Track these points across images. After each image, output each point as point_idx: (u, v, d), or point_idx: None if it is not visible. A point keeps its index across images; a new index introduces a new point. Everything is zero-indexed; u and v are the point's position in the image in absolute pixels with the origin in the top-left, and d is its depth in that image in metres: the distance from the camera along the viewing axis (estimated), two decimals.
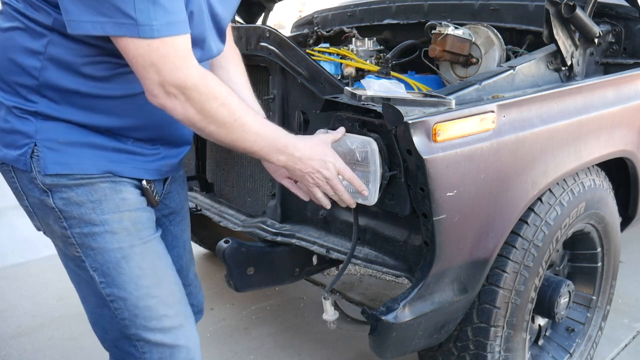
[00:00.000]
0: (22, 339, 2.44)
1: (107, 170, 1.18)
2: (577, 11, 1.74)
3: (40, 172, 1.15)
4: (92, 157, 1.17)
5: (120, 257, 1.20)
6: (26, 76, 1.13)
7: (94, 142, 1.17)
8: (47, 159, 1.14)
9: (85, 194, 1.17)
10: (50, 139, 1.14)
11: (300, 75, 1.68)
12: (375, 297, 2.81)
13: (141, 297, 1.21)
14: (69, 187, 1.16)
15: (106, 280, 1.20)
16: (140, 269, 1.21)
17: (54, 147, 1.15)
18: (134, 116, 1.20)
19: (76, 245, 1.20)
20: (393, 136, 1.33)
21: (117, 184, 1.20)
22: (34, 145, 1.14)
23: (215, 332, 2.51)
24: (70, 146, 1.15)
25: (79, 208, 1.17)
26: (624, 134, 1.87)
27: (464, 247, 1.46)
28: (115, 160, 1.20)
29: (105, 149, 1.19)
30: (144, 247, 1.23)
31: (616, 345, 2.43)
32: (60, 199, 1.17)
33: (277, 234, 1.80)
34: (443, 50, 2.00)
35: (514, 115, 1.48)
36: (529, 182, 1.55)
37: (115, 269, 1.20)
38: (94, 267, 1.20)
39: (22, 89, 1.14)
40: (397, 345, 1.47)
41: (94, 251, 1.19)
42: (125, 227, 1.20)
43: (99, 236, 1.18)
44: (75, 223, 1.18)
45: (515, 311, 1.64)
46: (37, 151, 1.14)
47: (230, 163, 2.09)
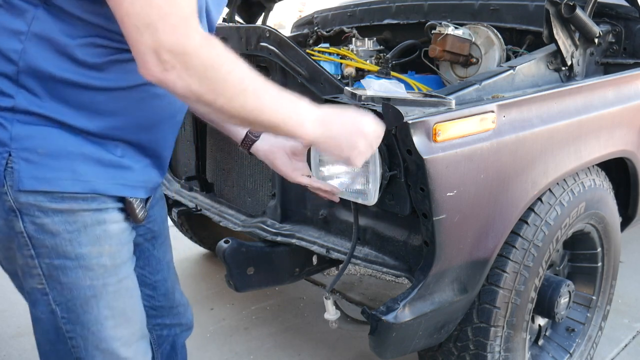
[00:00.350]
0: (22, 339, 2.44)
1: (92, 189, 1.02)
2: (577, 11, 1.74)
3: (13, 187, 0.97)
4: (75, 172, 1.00)
5: (91, 295, 1.06)
6: (2, 61, 0.96)
7: (78, 152, 1.00)
8: (22, 172, 0.97)
9: (62, 222, 1.01)
10: (28, 149, 0.97)
11: (300, 75, 1.68)
12: (375, 297, 2.81)
13: (104, 339, 1.10)
14: (44, 211, 0.99)
15: (69, 316, 1.07)
16: (110, 309, 1.09)
17: (32, 158, 0.97)
18: (127, 113, 1.04)
19: (41, 277, 1.04)
20: (393, 136, 1.33)
21: (100, 212, 1.04)
22: (7, 155, 0.97)
23: (215, 332, 2.51)
24: (51, 158, 0.98)
25: (53, 238, 1.01)
26: (624, 134, 1.87)
27: (464, 247, 1.46)
28: (101, 176, 1.03)
29: (91, 161, 1.02)
30: (118, 285, 1.10)
31: (616, 345, 2.43)
32: (32, 223, 1.00)
33: (277, 234, 1.80)
34: (443, 50, 2.00)
35: (514, 115, 1.48)
36: (529, 182, 1.55)
37: (82, 306, 1.07)
38: (58, 301, 1.06)
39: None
40: (397, 345, 1.47)
41: (61, 285, 1.05)
42: (102, 263, 1.06)
43: (71, 271, 1.04)
44: (45, 253, 1.02)
45: (515, 311, 1.64)
46: (11, 162, 0.97)
47: (230, 163, 2.09)
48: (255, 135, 1.39)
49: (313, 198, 1.76)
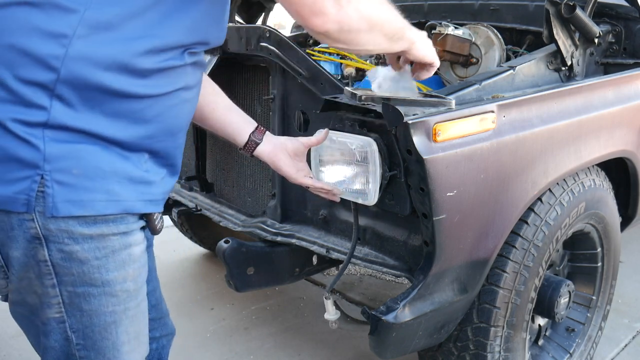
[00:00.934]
0: (22, 339, 2.42)
1: (123, 209, 0.96)
2: (577, 11, 1.74)
3: (44, 214, 0.89)
4: (109, 192, 0.94)
5: (111, 321, 1.02)
6: (40, 69, 0.87)
7: (111, 170, 0.94)
8: (57, 196, 0.89)
9: (92, 249, 0.95)
10: (63, 170, 0.89)
11: (300, 75, 1.68)
12: (375, 297, 2.81)
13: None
14: (74, 238, 0.92)
15: (85, 343, 1.02)
16: (127, 334, 1.06)
17: (66, 180, 0.89)
18: (159, 121, 1.00)
19: (61, 305, 0.98)
20: (393, 136, 1.33)
21: (127, 235, 0.99)
22: (40, 178, 0.88)
23: (215, 332, 2.51)
24: (85, 178, 0.91)
25: (80, 266, 0.95)
26: (624, 134, 1.87)
27: (464, 247, 1.46)
28: (131, 194, 0.97)
29: (122, 179, 0.96)
30: (136, 309, 1.06)
31: (616, 345, 2.43)
32: (59, 251, 0.93)
33: (277, 234, 1.80)
34: (443, 50, 2.00)
35: (514, 115, 1.48)
36: (529, 182, 1.55)
37: (100, 333, 1.02)
38: (75, 328, 1.00)
39: (29, 88, 0.87)
40: (397, 345, 1.47)
41: (81, 312, 0.99)
42: (126, 288, 1.02)
43: (95, 298, 0.98)
44: (69, 281, 0.96)
45: (515, 311, 1.64)
46: (42, 186, 0.88)
47: (230, 163, 2.09)
48: (258, 138, 1.39)
49: (313, 198, 1.76)
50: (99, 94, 0.90)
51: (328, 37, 1.02)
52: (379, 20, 1.08)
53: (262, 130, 1.40)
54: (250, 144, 1.38)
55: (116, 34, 0.90)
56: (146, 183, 1.00)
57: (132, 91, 0.93)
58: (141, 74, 0.93)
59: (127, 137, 0.95)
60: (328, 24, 0.97)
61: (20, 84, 0.87)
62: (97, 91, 0.90)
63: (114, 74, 0.90)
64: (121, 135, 0.94)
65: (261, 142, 1.38)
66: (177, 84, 0.98)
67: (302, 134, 1.71)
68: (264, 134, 1.40)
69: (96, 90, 0.90)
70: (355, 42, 1.06)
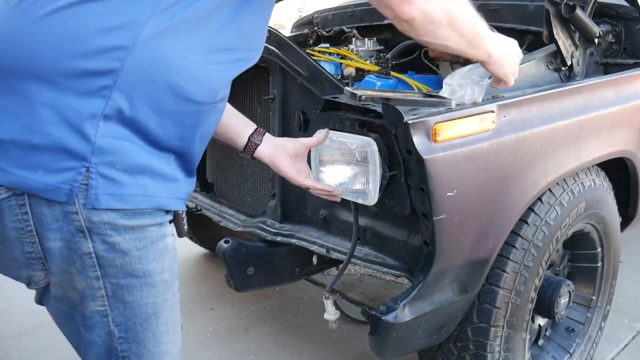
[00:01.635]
0: (22, 339, 2.44)
1: (157, 205, 0.99)
2: (577, 11, 1.74)
3: (86, 205, 0.90)
4: (146, 187, 0.96)
5: (152, 312, 1.04)
6: (104, 60, 0.88)
7: (149, 167, 0.96)
8: (99, 188, 0.90)
9: (133, 240, 0.96)
10: (108, 163, 0.90)
11: (300, 75, 1.68)
12: (375, 297, 2.81)
13: (157, 355, 1.08)
14: (116, 229, 0.94)
15: (127, 335, 1.03)
16: (166, 325, 1.07)
17: (109, 174, 0.91)
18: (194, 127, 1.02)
19: (104, 298, 0.99)
20: (393, 136, 1.33)
21: (161, 226, 1.01)
22: (85, 171, 0.89)
23: (215, 332, 2.51)
24: (127, 174, 0.93)
25: (123, 257, 0.96)
26: (623, 134, 1.87)
27: (464, 247, 1.46)
28: (164, 190, 1.00)
29: (157, 175, 0.98)
30: (173, 299, 1.08)
31: (616, 345, 2.42)
32: (102, 243, 0.94)
33: (277, 234, 1.80)
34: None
35: (514, 115, 1.48)
36: (529, 182, 1.55)
37: (142, 324, 1.03)
38: (118, 321, 1.02)
39: (91, 79, 0.88)
40: (397, 345, 1.47)
41: (124, 304, 1.00)
42: (164, 279, 1.04)
43: (137, 289, 1.00)
44: (113, 273, 0.97)
45: (515, 311, 1.64)
46: (87, 178, 0.89)
47: (230, 163, 2.09)
48: (258, 140, 1.39)
49: (313, 198, 1.76)
50: (156, 90, 0.92)
51: (412, 26, 1.09)
52: (457, 18, 1.13)
53: (262, 132, 1.40)
54: (250, 146, 1.39)
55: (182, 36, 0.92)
56: (175, 181, 1.02)
57: (191, 96, 0.96)
58: (198, 80, 0.96)
59: (165, 136, 0.97)
60: (414, 12, 1.05)
61: (82, 74, 0.87)
62: (155, 87, 0.92)
63: (175, 73, 0.92)
64: (161, 133, 0.96)
65: (261, 144, 1.39)
66: (220, 95, 1.02)
67: (302, 134, 1.71)
68: (264, 135, 1.40)
69: (154, 86, 0.91)
70: (434, 35, 1.12)
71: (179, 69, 0.93)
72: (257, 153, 1.39)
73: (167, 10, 0.91)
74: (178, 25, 0.92)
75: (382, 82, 1.98)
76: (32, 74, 0.87)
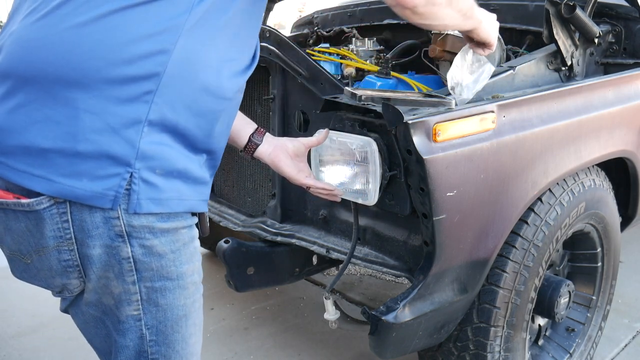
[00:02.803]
0: (22, 339, 2.44)
1: (189, 207, 1.01)
2: (577, 11, 1.74)
3: (128, 211, 0.91)
4: (179, 191, 0.97)
5: (182, 314, 1.05)
6: (148, 63, 0.89)
7: (183, 171, 0.98)
8: (141, 193, 0.91)
9: (169, 242, 0.98)
10: (150, 168, 0.91)
11: (300, 75, 1.68)
12: (375, 297, 2.81)
13: (184, 356, 1.08)
14: (154, 232, 0.95)
15: (157, 338, 1.04)
16: (194, 327, 1.09)
17: (150, 179, 0.92)
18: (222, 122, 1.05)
19: (139, 302, 1.00)
20: (393, 136, 1.33)
21: (191, 228, 1.04)
22: (129, 176, 0.90)
23: (215, 332, 2.51)
24: (164, 178, 0.94)
25: (159, 259, 0.98)
26: (623, 134, 1.87)
27: (464, 247, 1.46)
28: (194, 194, 1.01)
29: (189, 179, 0.99)
30: (200, 301, 1.10)
31: (616, 345, 2.42)
32: (141, 247, 0.95)
33: (277, 234, 1.80)
34: (443, 50, 2.00)
35: (514, 115, 1.48)
36: (529, 182, 1.55)
37: (172, 327, 1.04)
38: (150, 324, 1.02)
39: (134, 84, 0.88)
40: (397, 345, 1.47)
41: (157, 308, 1.01)
42: (194, 281, 1.05)
43: (170, 292, 1.01)
44: (149, 276, 0.98)
45: (515, 311, 1.64)
46: (130, 184, 0.90)
47: (230, 163, 2.09)
48: (258, 140, 1.39)
49: (313, 198, 1.76)
50: (193, 90, 0.94)
51: (414, 12, 1.08)
52: None
53: (262, 132, 1.40)
54: (250, 146, 1.39)
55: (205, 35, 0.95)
56: (203, 183, 1.04)
57: (221, 93, 0.99)
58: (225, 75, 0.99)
59: (201, 136, 0.99)
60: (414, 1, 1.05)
61: (125, 80, 0.88)
62: (191, 87, 0.94)
63: (206, 71, 0.95)
64: (198, 134, 0.98)
65: (261, 144, 1.38)
66: (240, 88, 1.06)
67: (302, 134, 1.71)
68: (264, 135, 1.40)
69: (191, 86, 0.94)
70: (435, 16, 1.12)
71: (209, 67, 0.95)
72: (257, 153, 1.39)
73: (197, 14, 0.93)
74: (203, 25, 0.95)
75: (382, 82, 1.98)
76: (76, 81, 0.87)
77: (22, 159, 0.89)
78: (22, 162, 0.89)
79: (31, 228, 0.94)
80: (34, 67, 0.88)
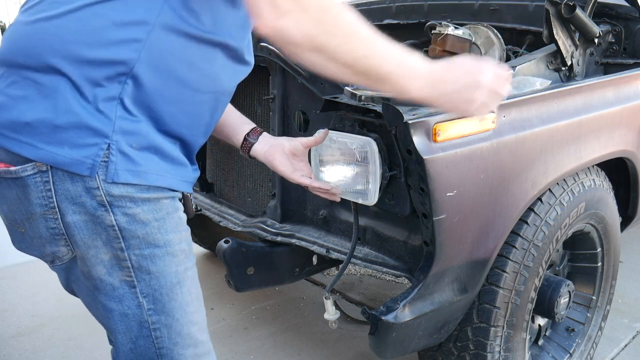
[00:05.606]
0: (22, 339, 2.44)
1: (168, 184, 1.06)
2: (577, 11, 1.74)
3: (106, 180, 0.98)
4: (158, 166, 1.04)
5: (176, 281, 1.09)
6: (122, 50, 0.96)
7: (160, 149, 1.04)
8: (119, 164, 0.98)
9: (151, 211, 1.03)
10: (126, 142, 0.99)
11: (300, 75, 1.68)
12: (375, 297, 2.81)
13: (185, 324, 1.12)
14: (135, 201, 1.01)
15: (155, 307, 1.08)
16: (190, 294, 1.12)
17: (126, 151, 0.99)
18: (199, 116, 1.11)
19: (130, 269, 1.05)
20: (393, 136, 1.33)
21: (174, 200, 1.09)
22: (106, 147, 0.97)
23: (215, 332, 2.51)
24: (140, 151, 1.01)
25: (144, 227, 1.03)
26: (623, 134, 1.87)
27: (464, 247, 1.46)
28: (173, 172, 1.07)
29: (167, 157, 1.06)
30: (193, 270, 1.14)
31: (616, 345, 2.43)
32: (124, 215, 1.01)
33: (277, 234, 1.80)
34: (443, 50, 2.00)
35: (514, 115, 1.48)
36: (529, 182, 1.55)
37: (167, 294, 1.08)
38: (146, 293, 1.07)
39: (110, 67, 0.97)
40: (397, 345, 1.47)
41: (150, 275, 1.06)
42: (183, 249, 1.10)
43: (160, 259, 1.06)
44: (137, 244, 1.03)
45: (515, 311, 1.64)
46: (107, 155, 0.97)
47: (230, 163, 2.09)
48: (253, 138, 1.41)
49: (313, 198, 1.76)
50: (166, 79, 1.01)
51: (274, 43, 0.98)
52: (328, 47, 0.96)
53: (259, 131, 1.43)
54: (245, 145, 1.42)
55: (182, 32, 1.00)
56: (182, 165, 1.10)
57: (194, 84, 1.04)
58: (203, 70, 1.05)
59: (173, 123, 1.05)
60: (265, 29, 0.93)
61: (104, 62, 0.96)
62: (165, 76, 1.01)
63: (183, 65, 1.02)
64: (170, 120, 1.05)
65: (256, 142, 1.42)
66: (221, 86, 1.09)
67: (302, 134, 1.71)
68: (260, 134, 1.43)
69: (164, 75, 1.00)
70: (300, 58, 0.98)
71: (183, 59, 1.02)
72: (252, 152, 1.43)
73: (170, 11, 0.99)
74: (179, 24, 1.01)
75: None
76: (56, 63, 0.96)
77: (11, 128, 0.98)
78: (12, 131, 0.97)
79: (20, 195, 1.01)
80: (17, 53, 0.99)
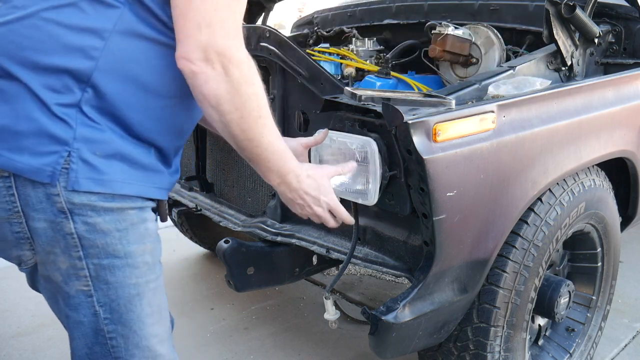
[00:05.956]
0: (22, 339, 2.44)
1: (137, 192, 1.05)
2: (577, 11, 1.74)
3: (67, 187, 0.97)
4: (125, 174, 1.02)
5: (135, 293, 1.08)
6: (78, 57, 0.96)
7: (128, 155, 1.03)
8: (80, 172, 0.97)
9: (113, 221, 1.02)
10: (88, 149, 0.97)
11: (300, 75, 1.68)
12: (375, 297, 2.81)
13: (144, 337, 1.11)
14: (96, 210, 1.00)
15: (112, 317, 1.07)
16: (150, 307, 1.11)
17: (89, 159, 0.98)
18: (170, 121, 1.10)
19: (87, 278, 1.04)
20: (393, 136, 1.33)
21: (143, 210, 1.07)
22: (67, 154, 0.96)
23: (215, 332, 2.51)
24: (106, 160, 1.00)
25: (104, 237, 1.02)
26: (623, 134, 1.87)
27: (464, 247, 1.46)
28: (143, 179, 1.06)
29: (137, 164, 1.04)
30: (156, 282, 1.12)
31: (616, 345, 2.43)
32: (83, 223, 1.00)
33: (277, 234, 1.80)
34: (443, 50, 2.00)
35: (514, 115, 1.48)
36: (529, 182, 1.55)
37: (125, 305, 1.07)
38: (102, 302, 1.06)
39: (69, 74, 0.96)
40: (397, 345, 1.47)
41: (107, 285, 1.05)
42: (146, 261, 1.08)
43: (119, 270, 1.05)
44: (95, 253, 1.02)
45: (515, 311, 1.64)
46: (68, 162, 0.96)
47: (230, 163, 2.09)
48: None
49: None
50: (128, 85, 1.00)
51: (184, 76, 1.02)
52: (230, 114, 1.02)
53: None
54: None
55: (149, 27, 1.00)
56: (156, 172, 1.09)
57: (158, 89, 1.03)
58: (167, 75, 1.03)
59: (142, 129, 1.04)
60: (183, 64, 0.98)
61: (61, 70, 0.96)
62: (126, 82, 1.00)
63: (146, 70, 1.01)
64: (138, 126, 1.03)
65: None
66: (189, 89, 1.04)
67: (302, 134, 1.71)
68: None
69: (125, 81, 1.00)
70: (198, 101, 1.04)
71: (145, 65, 1.01)
72: None
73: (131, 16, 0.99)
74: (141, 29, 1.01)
75: (382, 82, 1.98)
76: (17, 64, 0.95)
77: None
78: None
79: None
80: None
